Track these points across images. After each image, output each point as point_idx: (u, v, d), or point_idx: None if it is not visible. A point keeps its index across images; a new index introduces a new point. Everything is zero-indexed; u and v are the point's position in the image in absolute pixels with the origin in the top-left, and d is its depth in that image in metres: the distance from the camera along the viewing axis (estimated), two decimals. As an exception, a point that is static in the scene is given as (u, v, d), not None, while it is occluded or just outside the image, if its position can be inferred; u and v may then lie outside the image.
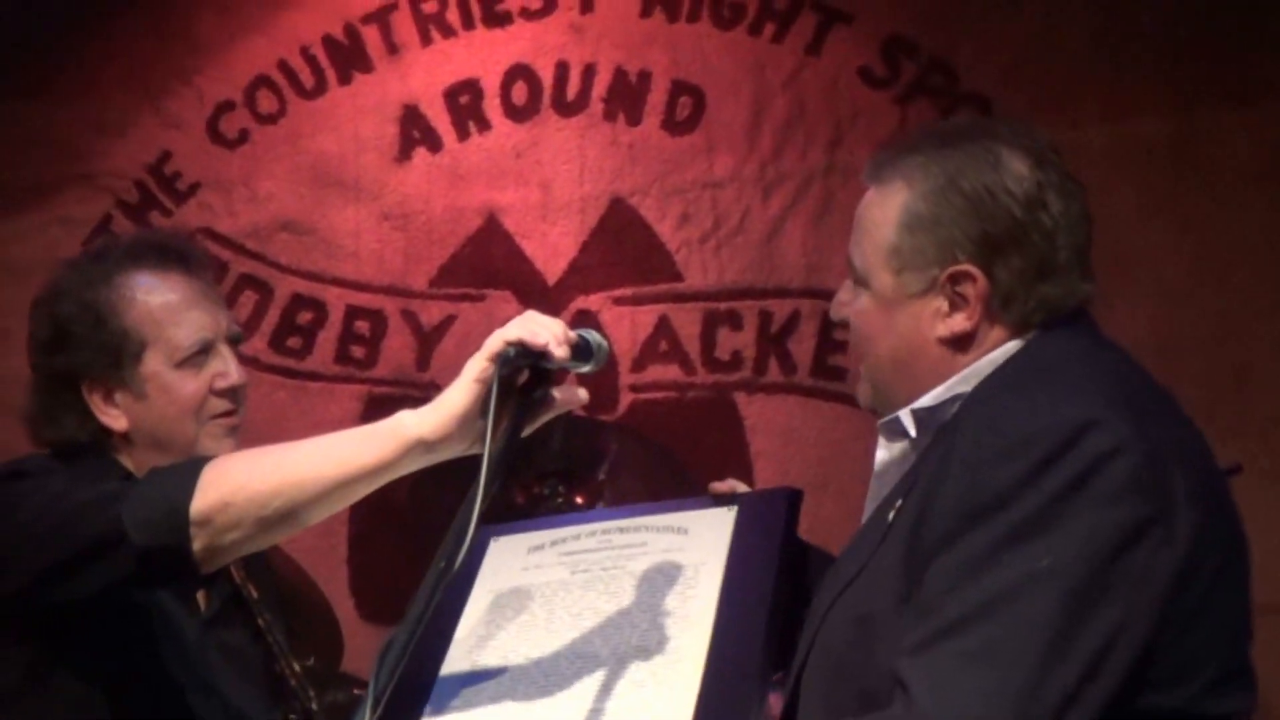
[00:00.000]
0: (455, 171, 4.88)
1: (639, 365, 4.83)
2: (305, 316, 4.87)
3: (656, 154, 4.85)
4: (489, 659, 2.35)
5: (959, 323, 2.13)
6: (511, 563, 2.51)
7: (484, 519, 2.35)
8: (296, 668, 2.82)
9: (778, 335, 4.82)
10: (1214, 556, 1.99)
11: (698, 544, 2.43)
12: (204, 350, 2.66)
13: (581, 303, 4.82)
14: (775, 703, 2.74)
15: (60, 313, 2.68)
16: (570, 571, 2.46)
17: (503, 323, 2.24)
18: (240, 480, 2.34)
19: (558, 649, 2.33)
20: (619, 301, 4.83)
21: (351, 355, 4.86)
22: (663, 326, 4.83)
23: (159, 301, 2.66)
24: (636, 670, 2.25)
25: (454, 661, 2.36)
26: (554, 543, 2.53)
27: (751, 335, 4.83)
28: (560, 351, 2.20)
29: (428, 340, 4.84)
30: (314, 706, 2.81)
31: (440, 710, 2.30)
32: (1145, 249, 4.47)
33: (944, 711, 1.89)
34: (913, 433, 2.16)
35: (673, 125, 4.84)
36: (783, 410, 4.77)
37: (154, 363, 2.64)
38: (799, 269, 4.82)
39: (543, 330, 2.21)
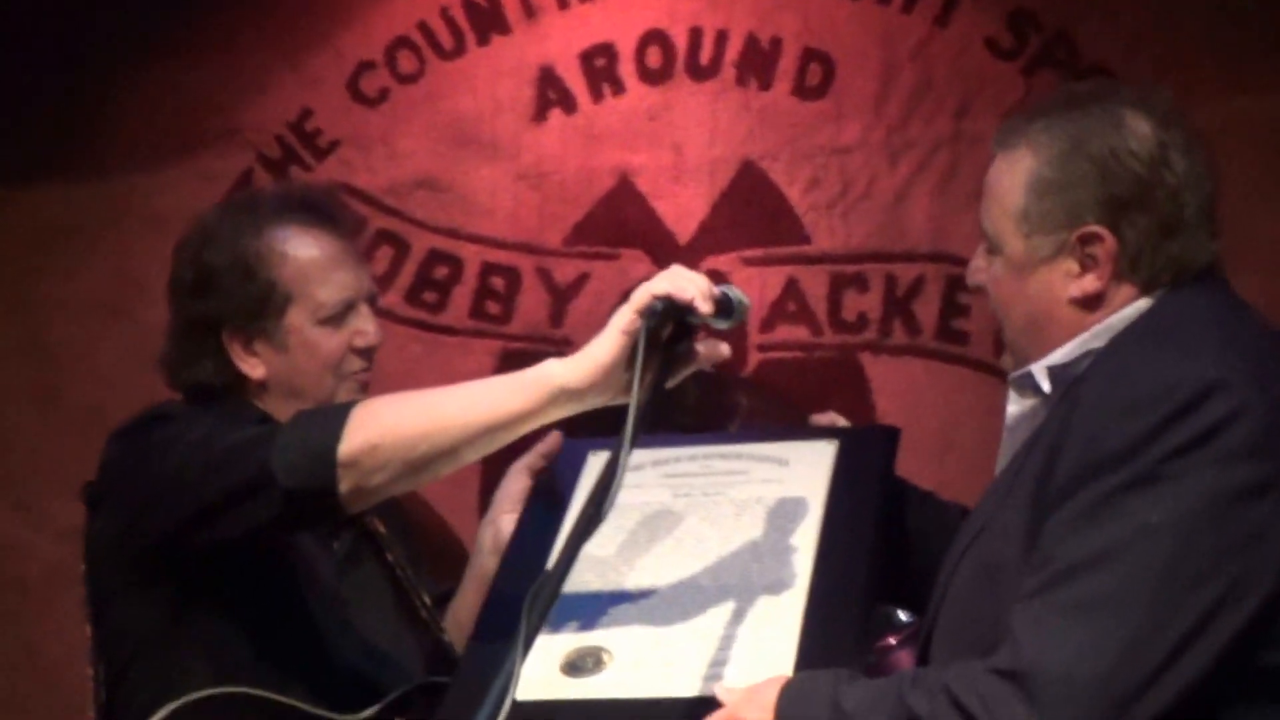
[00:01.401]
0: (589, 133, 4.94)
1: (767, 325, 4.90)
2: (441, 271, 4.94)
3: (786, 119, 4.91)
4: (588, 576, 2.38)
5: (1089, 283, 2.19)
6: None
7: (579, 431, 2.41)
8: (427, 600, 2.85)
9: (903, 298, 4.90)
10: None
11: (798, 476, 2.47)
12: (347, 309, 2.73)
13: (712, 263, 4.87)
14: (906, 659, 2.79)
15: (207, 259, 2.73)
16: (672, 494, 2.50)
17: (636, 282, 2.28)
18: (389, 423, 2.36)
19: (660, 572, 2.36)
20: (748, 263, 4.89)
21: (487, 311, 4.93)
22: (790, 288, 4.91)
23: (307, 258, 2.72)
24: (739, 601, 2.28)
25: None
26: (655, 463, 2.56)
27: (877, 298, 4.91)
28: (705, 306, 2.25)
29: (562, 297, 4.92)
30: (446, 638, 2.85)
31: (544, 627, 2.28)
32: (1262, 225, 4.51)
33: (1046, 660, 1.93)
34: (1045, 388, 2.20)
35: (803, 91, 4.91)
36: (907, 372, 4.84)
37: (298, 317, 2.70)
38: (925, 234, 4.89)
39: (689, 285, 2.26)
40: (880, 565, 2.36)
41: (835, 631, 2.23)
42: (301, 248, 2.73)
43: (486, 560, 2.73)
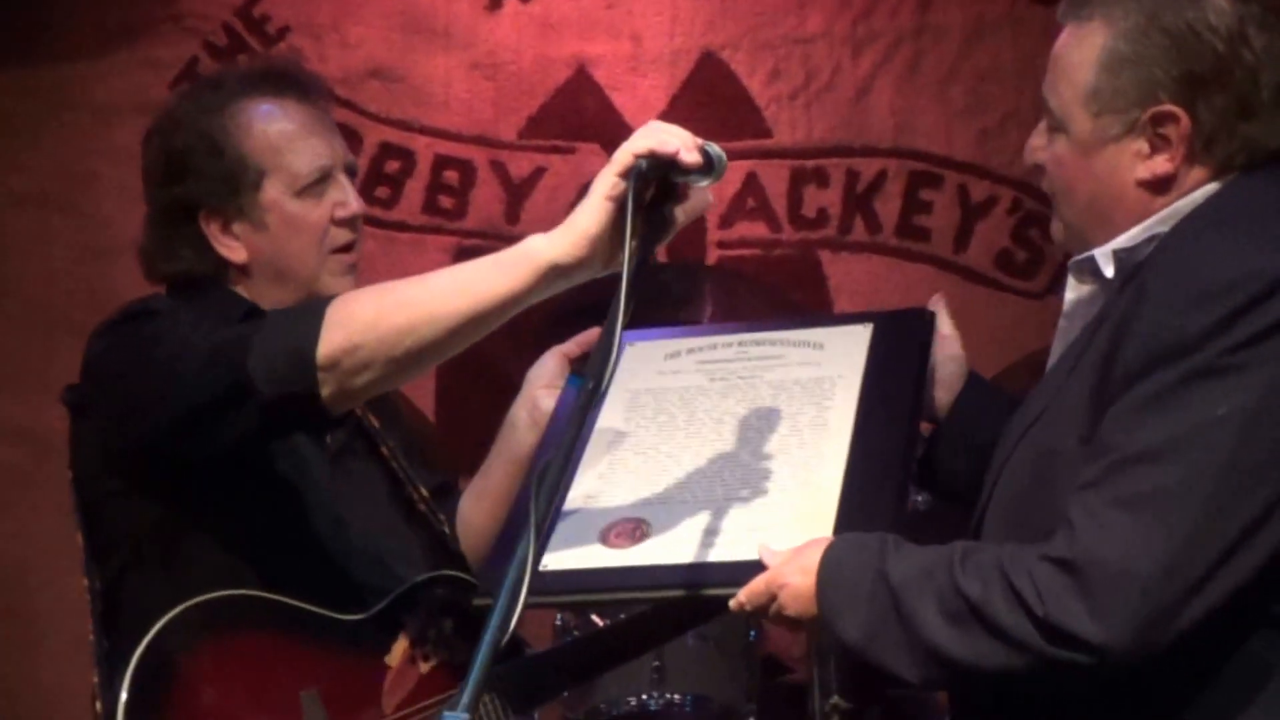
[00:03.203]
0: (546, 21, 4.85)
1: (726, 222, 4.85)
2: (393, 165, 4.84)
3: (748, 8, 4.84)
4: (627, 454, 2.38)
5: (1160, 164, 2.09)
6: (647, 366, 2.53)
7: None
8: (425, 492, 2.81)
9: (864, 194, 4.85)
10: None
11: (834, 358, 2.46)
12: (323, 179, 2.63)
13: (671, 157, 4.83)
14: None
15: (175, 143, 2.64)
16: (708, 379, 2.48)
17: (592, 177, 2.19)
18: (368, 319, 2.27)
19: (699, 448, 2.35)
20: (709, 157, 4.84)
21: (440, 205, 4.85)
22: (750, 183, 4.84)
23: (277, 129, 2.63)
24: (779, 472, 2.29)
25: (593, 454, 2.38)
26: (690, 350, 2.55)
27: (838, 193, 4.85)
28: (691, 157, 2.13)
29: (517, 192, 4.84)
30: (445, 530, 2.80)
31: (582, 496, 2.32)
32: None
33: (1103, 552, 1.89)
34: (1109, 273, 2.13)
35: (765, -20, 4.83)
36: (867, 269, 4.81)
37: (274, 191, 2.61)
38: (887, 128, 4.83)
39: (671, 138, 2.14)
40: (916, 440, 2.39)
41: (874, 497, 2.23)
42: (270, 119, 2.63)
43: (523, 436, 2.68)
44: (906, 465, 2.31)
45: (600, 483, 2.35)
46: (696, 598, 2.20)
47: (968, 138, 4.85)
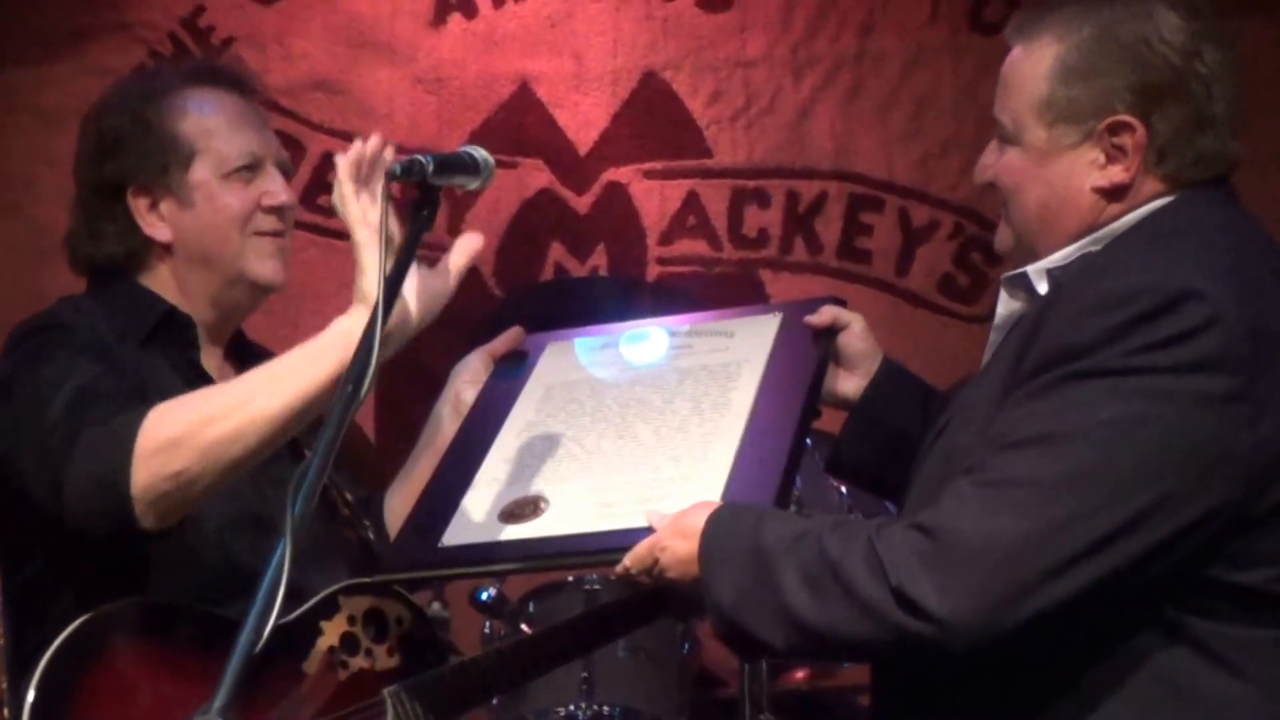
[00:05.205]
0: (489, 38, 4.89)
1: (667, 239, 4.89)
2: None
3: (690, 30, 4.89)
4: (534, 439, 2.46)
5: (1117, 174, 2.11)
6: (564, 362, 2.62)
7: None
8: (349, 497, 2.83)
9: (805, 215, 4.90)
10: None
11: (742, 345, 2.53)
12: (252, 166, 2.65)
13: (612, 174, 4.87)
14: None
15: (108, 123, 2.66)
16: (620, 369, 2.57)
17: (535, 191, 2.22)
18: (189, 437, 2.30)
19: (602, 431, 2.43)
20: (649, 175, 4.88)
21: (383, 215, 4.87)
22: (691, 201, 4.89)
23: (210, 113, 2.65)
24: (675, 448, 2.35)
25: (503, 443, 2.47)
26: (605, 346, 2.64)
27: (779, 214, 4.90)
28: (373, 144, 2.25)
29: (459, 204, 4.86)
30: (370, 535, 2.82)
31: (488, 480, 2.40)
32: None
33: (960, 522, 1.92)
34: (1042, 289, 2.15)
35: (707, 3, 4.88)
36: (808, 290, 4.84)
37: (202, 172, 2.62)
38: (828, 151, 4.88)
39: (361, 143, 2.27)
40: (809, 418, 2.41)
41: (763, 469, 2.28)
42: (204, 105, 2.67)
43: (447, 428, 2.71)
44: (798, 441, 2.35)
45: (506, 467, 2.42)
46: (586, 563, 2.29)
47: (908, 163, 4.90)
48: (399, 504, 2.82)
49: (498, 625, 3.81)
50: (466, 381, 2.71)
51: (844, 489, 3.84)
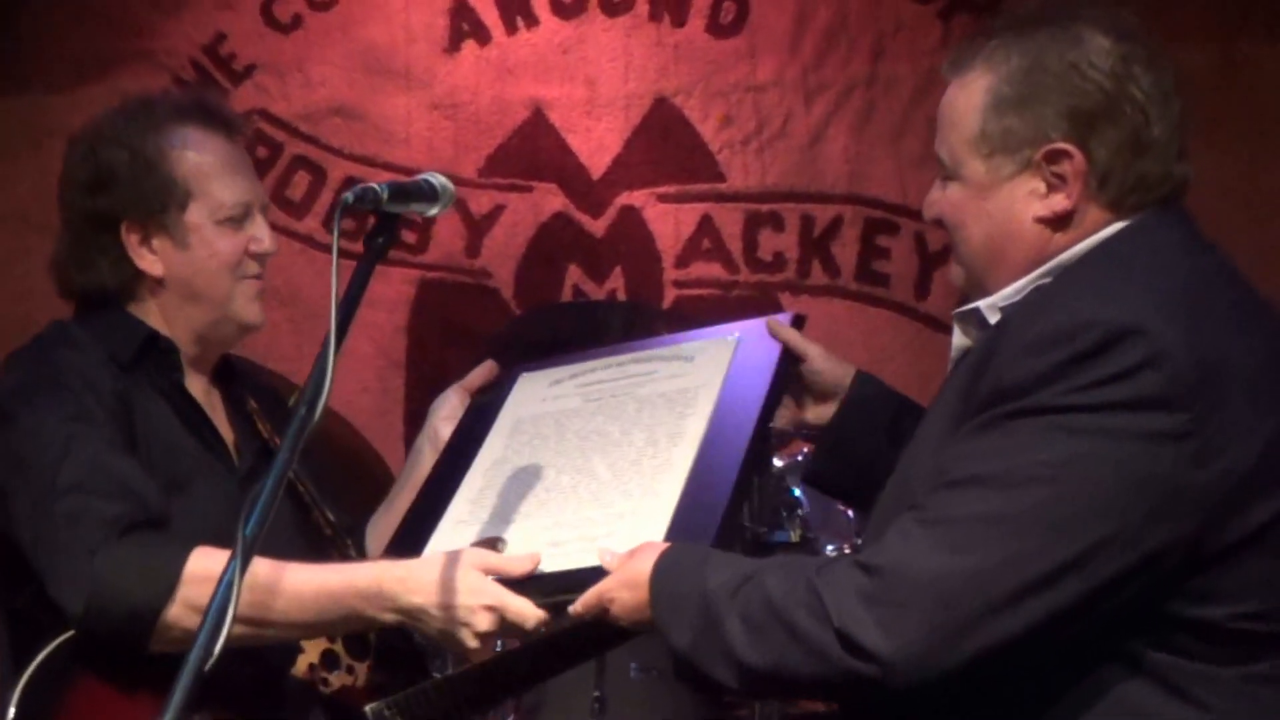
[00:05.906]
0: (503, 65, 4.95)
1: (682, 262, 4.93)
2: (358, 199, 4.93)
3: (701, 56, 4.94)
4: (499, 477, 2.50)
5: (1059, 202, 2.09)
6: (534, 394, 2.65)
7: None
8: (332, 518, 2.85)
9: (820, 239, 4.93)
10: None
11: (700, 369, 2.53)
12: (244, 214, 2.70)
13: (626, 198, 4.92)
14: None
15: (104, 156, 2.67)
16: (584, 400, 2.58)
17: (550, 214, 2.24)
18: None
19: (562, 466, 2.46)
20: (663, 199, 4.93)
21: (403, 239, 4.92)
22: (705, 225, 4.93)
23: (209, 159, 2.69)
24: (628, 482, 2.37)
25: (471, 481, 2.52)
26: (573, 375, 2.65)
27: (794, 237, 4.94)
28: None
29: (477, 228, 4.93)
30: (351, 555, 2.82)
31: (453, 522, 2.45)
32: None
33: (901, 562, 1.92)
34: (992, 322, 2.14)
35: (717, 28, 4.93)
36: (827, 312, 4.87)
37: (198, 215, 2.66)
38: (841, 175, 4.92)
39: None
40: (759, 444, 2.41)
41: (708, 503, 2.29)
42: (203, 149, 2.70)
43: (426, 462, 2.76)
44: (746, 470, 2.35)
45: (470, 507, 2.47)
46: (540, 605, 2.27)
47: (922, 186, 4.85)
48: (378, 537, 2.87)
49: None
50: (444, 418, 2.76)
51: (850, 512, 3.84)
